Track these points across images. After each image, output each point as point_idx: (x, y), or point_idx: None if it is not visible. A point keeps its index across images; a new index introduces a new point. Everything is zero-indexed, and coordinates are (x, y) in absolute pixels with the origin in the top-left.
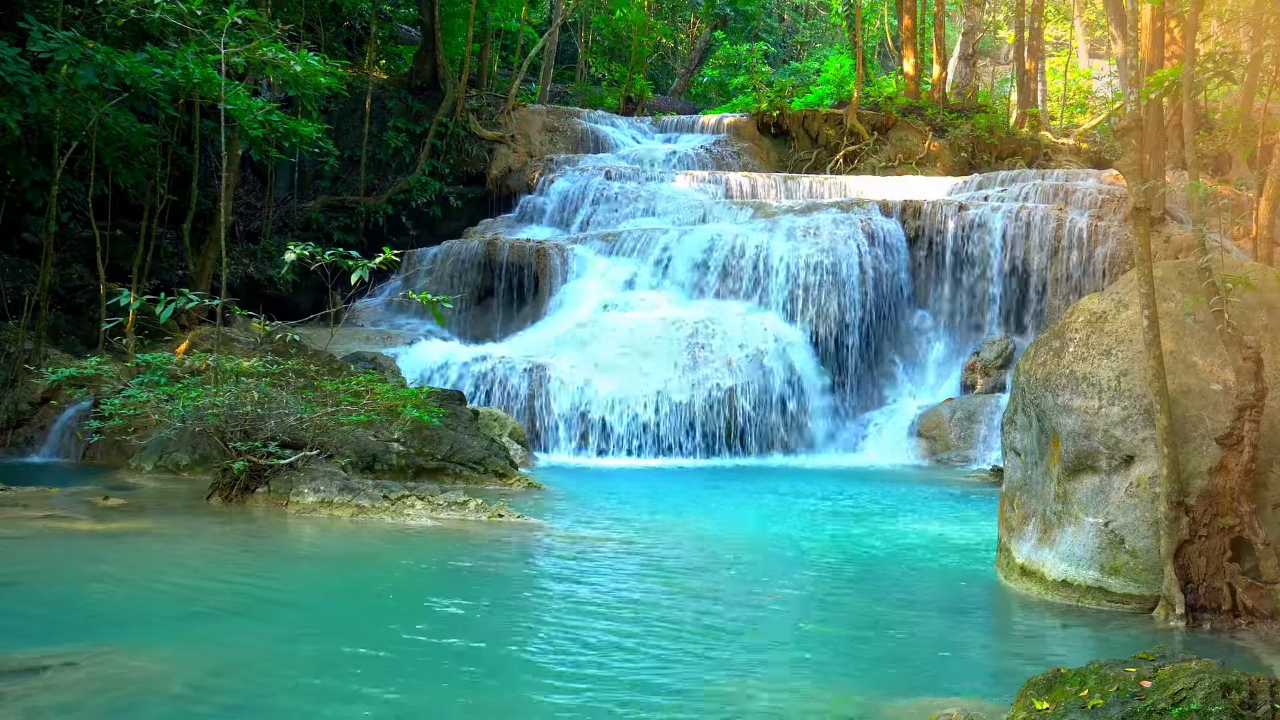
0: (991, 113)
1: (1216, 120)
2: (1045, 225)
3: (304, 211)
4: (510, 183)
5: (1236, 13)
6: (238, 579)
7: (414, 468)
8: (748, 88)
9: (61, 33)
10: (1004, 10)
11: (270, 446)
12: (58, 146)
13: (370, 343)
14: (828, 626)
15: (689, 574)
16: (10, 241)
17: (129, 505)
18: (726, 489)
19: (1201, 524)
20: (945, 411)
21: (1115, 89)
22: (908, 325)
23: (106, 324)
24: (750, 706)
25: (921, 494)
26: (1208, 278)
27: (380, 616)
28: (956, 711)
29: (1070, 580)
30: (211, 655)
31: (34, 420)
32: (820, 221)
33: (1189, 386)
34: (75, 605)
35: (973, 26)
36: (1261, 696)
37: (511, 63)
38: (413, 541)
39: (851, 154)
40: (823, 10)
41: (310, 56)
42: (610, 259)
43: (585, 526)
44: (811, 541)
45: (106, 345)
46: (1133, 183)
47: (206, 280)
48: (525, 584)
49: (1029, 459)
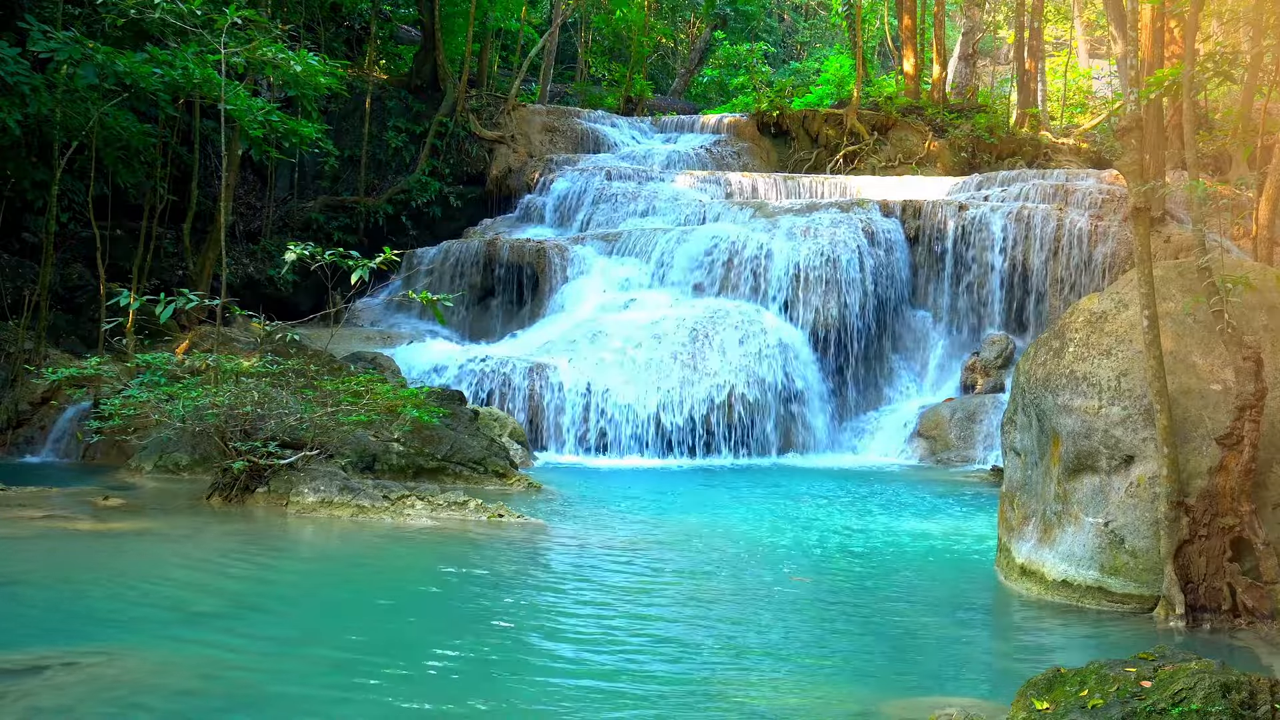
0: (991, 113)
1: (1216, 120)
2: (1045, 225)
3: (304, 211)
4: (510, 183)
5: (1236, 13)
6: (238, 579)
7: (414, 468)
8: (748, 88)
9: (61, 33)
10: (1004, 10)
11: (270, 446)
12: (58, 146)
13: (370, 343)
14: (827, 626)
15: (688, 573)
16: (10, 241)
17: (129, 505)
18: (726, 489)
19: (1201, 524)
20: (945, 411)
21: (1115, 89)
22: (908, 325)
23: (106, 324)
24: (750, 705)
25: (921, 494)
26: (1208, 278)
27: (380, 616)
28: (956, 711)
29: (1070, 580)
30: (211, 655)
31: (34, 420)
32: (820, 221)
33: (1189, 386)
34: (75, 605)
35: (973, 26)
36: (1261, 696)
37: (511, 63)
38: (413, 542)
39: (851, 154)
40: (823, 10)
41: (310, 56)
42: (610, 259)
43: (585, 526)
44: (811, 541)
45: (106, 345)
46: (1133, 183)
47: (206, 280)
48: (525, 584)
49: (1029, 459)
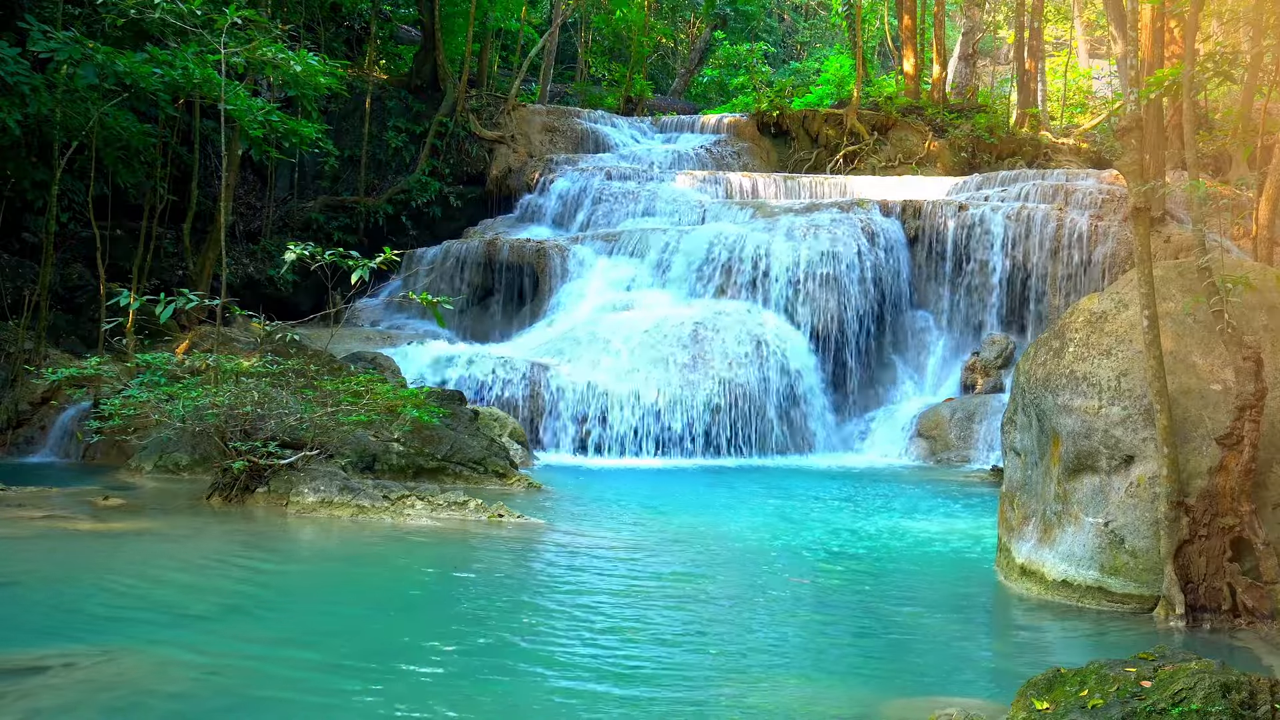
0: (991, 113)
1: (1216, 120)
2: (1045, 225)
3: (304, 211)
4: (510, 183)
5: (1236, 13)
6: (238, 579)
7: (414, 468)
8: (748, 88)
9: (61, 33)
10: (1004, 10)
11: (270, 446)
12: (58, 146)
13: (370, 343)
14: (827, 626)
15: (688, 573)
16: (10, 241)
17: (129, 505)
18: (726, 489)
19: (1201, 524)
20: (945, 411)
21: (1115, 89)
22: (908, 325)
23: (106, 324)
24: (750, 705)
25: (921, 494)
26: (1208, 278)
27: (380, 616)
28: (956, 711)
29: (1070, 580)
30: (211, 655)
31: (34, 420)
32: (820, 221)
33: (1189, 386)
34: (75, 605)
35: (973, 26)
36: (1261, 696)
37: (511, 63)
38: (413, 541)
39: (851, 154)
40: (823, 10)
41: (310, 56)
42: (610, 259)
43: (585, 526)
44: (811, 541)
45: (106, 345)
46: (1133, 183)
47: (206, 280)
48: (525, 583)
49: (1029, 459)
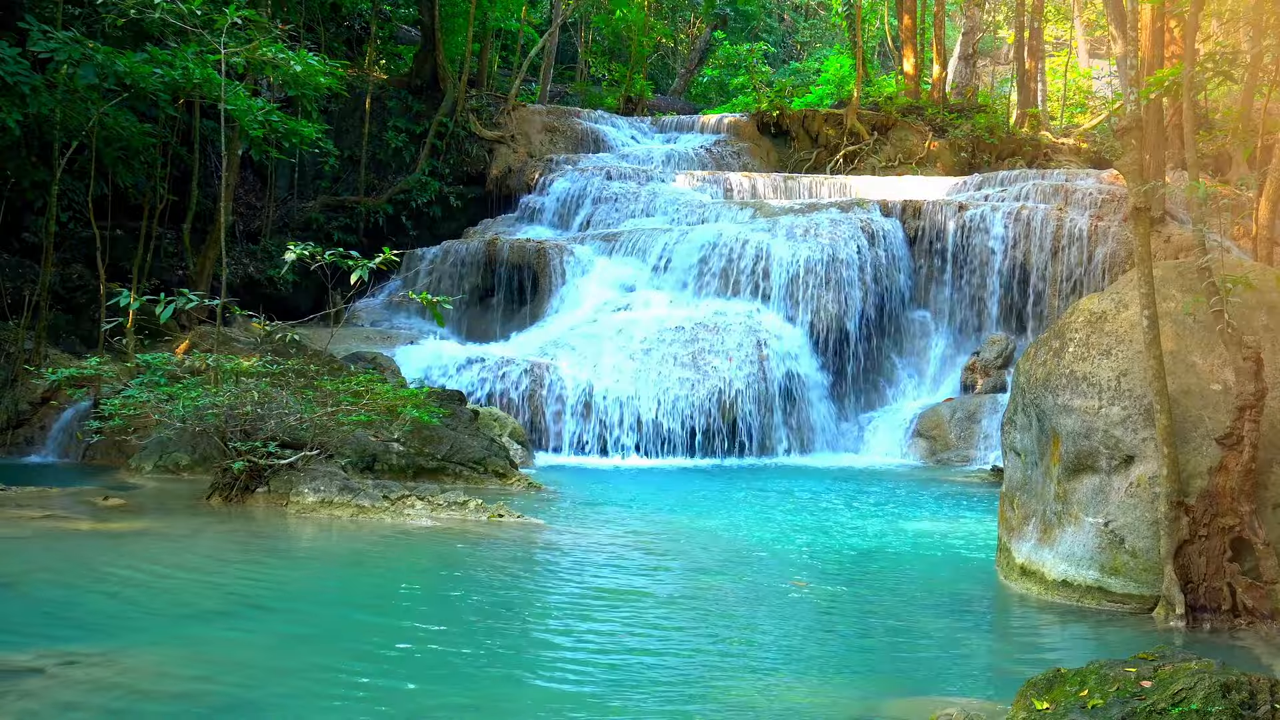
0: (991, 113)
1: (1216, 120)
2: (1045, 225)
3: (304, 211)
4: (510, 183)
5: (1236, 13)
6: (238, 579)
7: (414, 468)
8: (748, 88)
9: (61, 33)
10: (1004, 10)
11: (270, 446)
12: (58, 146)
13: (370, 343)
14: (827, 626)
15: (688, 573)
16: (10, 241)
17: (129, 505)
18: (726, 489)
19: (1201, 524)
20: (945, 411)
21: (1115, 89)
22: (908, 325)
23: (106, 324)
24: (750, 705)
25: (921, 494)
26: (1208, 278)
27: (380, 616)
28: (956, 711)
29: (1070, 580)
30: (211, 655)
31: (34, 420)
32: (820, 221)
33: (1189, 386)
34: (75, 605)
35: (973, 26)
36: (1261, 696)
37: (511, 63)
38: (413, 541)
39: (851, 154)
40: (823, 10)
41: (310, 56)
42: (610, 259)
43: (585, 526)
44: (811, 541)
45: (106, 345)
46: (1133, 183)
47: (206, 280)
48: (525, 583)
49: (1029, 459)
